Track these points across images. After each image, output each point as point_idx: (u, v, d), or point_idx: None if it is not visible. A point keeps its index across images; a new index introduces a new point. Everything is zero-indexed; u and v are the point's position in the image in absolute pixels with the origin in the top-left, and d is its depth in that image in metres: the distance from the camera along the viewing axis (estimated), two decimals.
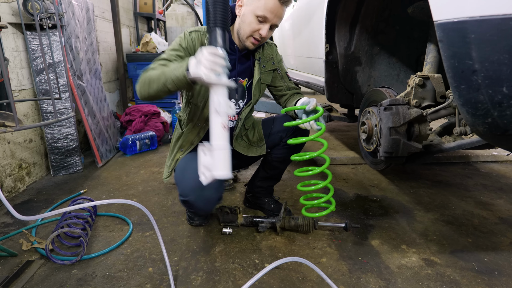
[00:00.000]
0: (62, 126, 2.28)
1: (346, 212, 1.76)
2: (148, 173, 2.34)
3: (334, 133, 3.36)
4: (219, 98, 0.99)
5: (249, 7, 1.28)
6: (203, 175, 1.00)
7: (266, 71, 1.53)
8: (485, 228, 1.60)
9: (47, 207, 1.84)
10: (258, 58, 1.49)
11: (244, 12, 1.30)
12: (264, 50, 1.51)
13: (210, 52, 0.99)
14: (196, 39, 1.35)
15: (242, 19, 1.31)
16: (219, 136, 0.99)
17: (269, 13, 1.25)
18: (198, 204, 1.30)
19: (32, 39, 2.12)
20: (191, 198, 1.29)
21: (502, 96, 0.73)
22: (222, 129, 0.99)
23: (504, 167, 2.41)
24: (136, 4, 4.57)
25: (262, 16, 1.26)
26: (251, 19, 1.28)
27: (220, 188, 1.33)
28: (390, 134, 1.26)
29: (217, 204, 1.39)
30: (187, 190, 1.30)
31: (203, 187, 1.26)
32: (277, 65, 1.55)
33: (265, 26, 1.28)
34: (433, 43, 1.40)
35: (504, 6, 0.70)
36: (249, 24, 1.29)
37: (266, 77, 1.54)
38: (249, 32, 1.31)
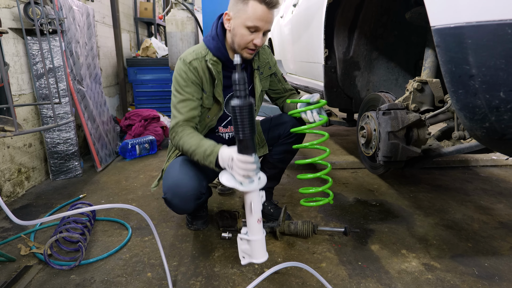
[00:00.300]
0: (62, 130, 2.28)
1: (345, 217, 1.75)
2: (148, 178, 2.34)
3: (334, 138, 3.36)
4: (252, 200, 1.06)
5: (238, 20, 1.25)
6: (243, 258, 1.14)
7: (264, 77, 1.53)
8: (485, 232, 1.59)
9: (46, 211, 1.83)
10: (256, 67, 1.47)
11: (234, 26, 1.28)
12: (260, 55, 1.49)
13: (243, 160, 1.03)
14: (199, 68, 1.33)
15: (233, 32, 1.29)
16: (256, 231, 1.10)
17: (259, 22, 1.23)
18: (175, 202, 1.32)
19: (32, 44, 2.13)
20: (168, 196, 1.32)
21: (499, 100, 0.74)
22: (257, 224, 1.09)
23: (504, 172, 2.41)
24: (136, 9, 4.61)
25: (253, 27, 1.23)
26: (242, 31, 1.25)
27: (197, 185, 1.32)
28: (389, 138, 1.26)
29: (198, 204, 1.38)
30: (165, 188, 1.34)
31: (179, 185, 1.30)
32: (273, 68, 1.55)
33: (258, 35, 1.26)
34: (431, 48, 1.40)
35: (500, 12, 0.70)
36: (241, 36, 1.26)
37: (265, 84, 1.55)
38: (244, 44, 1.28)
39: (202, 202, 1.46)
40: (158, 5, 5.54)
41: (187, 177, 1.32)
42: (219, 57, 1.35)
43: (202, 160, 1.22)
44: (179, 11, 2.61)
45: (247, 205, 1.10)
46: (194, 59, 1.33)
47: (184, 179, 1.31)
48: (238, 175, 1.05)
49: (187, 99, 1.33)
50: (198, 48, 1.38)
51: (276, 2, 1.23)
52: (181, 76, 1.33)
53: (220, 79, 1.38)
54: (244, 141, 1.03)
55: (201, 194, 1.36)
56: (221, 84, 1.39)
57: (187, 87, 1.33)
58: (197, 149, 1.23)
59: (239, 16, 1.24)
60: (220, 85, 1.39)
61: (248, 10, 1.22)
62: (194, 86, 1.34)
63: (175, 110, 1.35)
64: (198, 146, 1.23)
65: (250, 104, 1.00)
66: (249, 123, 1.00)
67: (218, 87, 1.38)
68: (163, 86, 4.03)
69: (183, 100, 1.33)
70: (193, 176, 1.33)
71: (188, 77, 1.32)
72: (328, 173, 1.38)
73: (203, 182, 1.38)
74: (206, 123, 1.45)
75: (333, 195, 1.35)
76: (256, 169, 1.06)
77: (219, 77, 1.38)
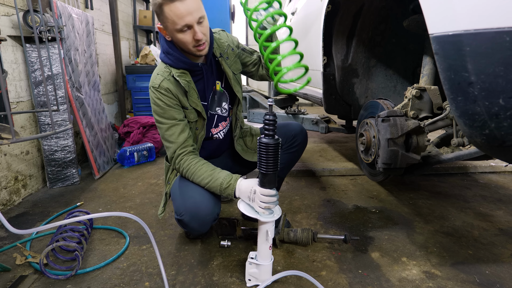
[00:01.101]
0: (60, 138, 2.27)
1: (345, 224, 1.74)
2: (146, 185, 2.32)
3: (332, 144, 3.36)
4: (269, 229, 1.16)
5: (168, 29, 1.21)
6: (249, 280, 1.22)
7: (232, 60, 1.45)
8: (486, 239, 1.58)
9: (42, 220, 1.81)
10: (219, 54, 1.40)
11: (170, 35, 1.24)
12: (218, 41, 1.42)
13: (266, 194, 1.12)
14: (170, 87, 1.30)
15: (174, 40, 1.25)
16: (265, 256, 1.19)
17: (184, 19, 1.15)
18: (193, 225, 1.29)
19: (31, 51, 2.13)
20: (185, 218, 1.28)
21: (499, 107, 0.74)
22: (268, 251, 1.19)
23: (502, 178, 2.41)
24: (135, 17, 4.63)
25: (183, 26, 1.17)
26: (179, 36, 1.21)
27: (215, 209, 1.31)
28: (388, 145, 1.26)
29: (211, 225, 1.37)
30: (182, 209, 1.29)
31: (199, 206, 1.27)
32: (236, 49, 1.47)
33: (194, 30, 1.19)
34: (429, 56, 1.41)
35: (497, 19, 0.71)
36: (181, 40, 1.22)
37: (236, 66, 1.47)
38: (189, 45, 1.23)
39: None
40: None
41: (205, 199, 1.28)
42: (183, 67, 1.32)
43: (218, 192, 1.26)
44: None
45: (262, 233, 1.17)
46: (162, 81, 1.30)
47: (203, 202, 1.27)
48: (260, 208, 1.14)
49: (171, 126, 1.32)
50: (160, 69, 1.34)
51: None
52: (156, 104, 1.31)
53: (192, 87, 1.35)
54: (268, 176, 1.11)
55: (217, 215, 1.35)
56: (195, 92, 1.36)
57: (165, 113, 1.31)
58: (211, 182, 1.26)
59: (167, 26, 1.21)
60: (194, 93, 1.36)
61: (168, 16, 1.17)
62: (173, 109, 1.32)
63: (165, 140, 1.35)
64: (212, 179, 1.26)
65: (277, 143, 1.07)
66: (273, 160, 1.09)
67: (192, 96, 1.35)
68: None
69: (168, 128, 1.32)
70: (210, 198, 1.31)
71: (163, 102, 1.30)
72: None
73: (219, 202, 1.37)
74: (196, 135, 1.44)
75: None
76: (276, 202, 1.14)
77: (191, 86, 1.34)
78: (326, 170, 2.48)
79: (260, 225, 1.18)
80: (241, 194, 1.20)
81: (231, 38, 1.48)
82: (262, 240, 1.18)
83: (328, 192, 2.16)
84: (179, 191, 1.35)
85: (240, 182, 1.21)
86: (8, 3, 2.01)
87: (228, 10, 3.75)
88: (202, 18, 1.20)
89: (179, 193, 1.35)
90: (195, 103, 1.36)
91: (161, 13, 1.17)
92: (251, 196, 1.15)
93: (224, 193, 1.24)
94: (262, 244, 1.17)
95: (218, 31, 1.47)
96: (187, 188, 1.34)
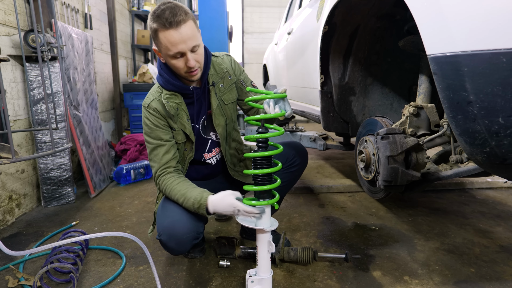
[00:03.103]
0: (56, 156, 2.25)
1: (345, 242, 1.72)
2: (142, 203, 2.29)
3: (329, 161, 3.37)
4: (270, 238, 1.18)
5: (163, 54, 1.23)
6: None
7: (226, 89, 1.42)
8: (487, 257, 1.57)
9: (36, 240, 1.77)
10: (211, 83, 1.38)
11: (165, 59, 1.26)
12: (216, 67, 1.40)
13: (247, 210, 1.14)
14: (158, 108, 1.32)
15: (168, 65, 1.27)
16: (266, 269, 1.20)
17: (177, 46, 1.16)
18: (170, 244, 1.26)
19: (30, 70, 2.14)
20: (163, 238, 1.26)
21: (499, 126, 0.75)
22: (268, 263, 1.20)
23: (500, 194, 2.42)
24: (133, 36, 4.71)
25: (176, 53, 1.18)
26: (172, 62, 1.22)
27: (194, 227, 1.28)
28: (388, 162, 1.27)
29: (195, 243, 1.34)
30: (160, 229, 1.27)
31: (175, 226, 1.25)
32: (237, 76, 1.44)
33: (186, 58, 1.20)
34: (425, 74, 1.45)
35: (493, 41, 0.74)
36: (174, 66, 1.24)
37: (230, 96, 1.43)
38: (182, 71, 1.24)
39: (200, 241, 1.42)
40: None
41: (184, 217, 1.26)
42: (173, 89, 1.33)
43: (195, 212, 1.26)
44: None
45: (263, 244, 1.17)
46: (151, 101, 1.32)
47: (180, 221, 1.25)
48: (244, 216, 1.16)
49: (157, 146, 1.33)
50: (153, 89, 1.37)
51: (178, 20, 1.13)
52: (145, 124, 1.34)
53: (182, 109, 1.35)
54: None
55: (199, 234, 1.32)
56: (185, 113, 1.36)
57: (152, 133, 1.33)
58: (185, 203, 1.25)
59: (161, 50, 1.22)
60: (184, 115, 1.36)
61: (162, 42, 1.18)
62: (160, 129, 1.33)
63: (150, 160, 1.37)
64: (184, 199, 1.25)
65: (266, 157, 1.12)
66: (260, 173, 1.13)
67: (182, 118, 1.35)
68: None
69: (154, 148, 1.34)
70: (189, 216, 1.28)
71: (151, 122, 1.32)
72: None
73: (201, 221, 1.34)
74: (185, 156, 1.43)
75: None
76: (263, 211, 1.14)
77: (181, 108, 1.34)
78: (324, 187, 2.48)
79: (260, 236, 1.18)
80: (218, 210, 1.19)
81: (234, 66, 1.46)
82: (263, 252, 1.18)
83: (327, 209, 2.15)
84: (161, 211, 1.35)
85: (211, 199, 1.20)
86: (9, 24, 2.04)
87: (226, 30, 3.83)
88: (196, 46, 1.20)
89: (160, 212, 1.34)
90: (183, 125, 1.36)
91: (156, 38, 1.19)
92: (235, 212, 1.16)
93: (199, 213, 1.24)
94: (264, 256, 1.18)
95: (222, 55, 1.45)
96: (166, 208, 1.32)
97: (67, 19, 2.76)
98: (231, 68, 1.44)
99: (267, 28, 8.58)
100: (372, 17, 1.66)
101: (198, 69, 1.26)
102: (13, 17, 2.07)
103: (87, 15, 3.16)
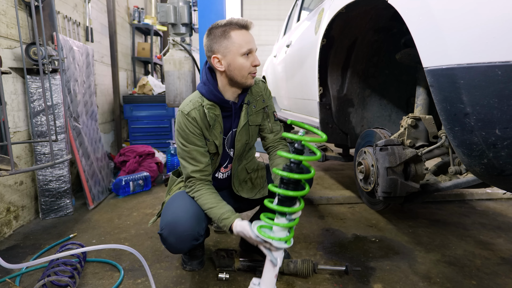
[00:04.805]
0: (55, 167, 2.25)
1: (345, 254, 1.71)
2: (141, 215, 2.27)
3: (329, 172, 3.37)
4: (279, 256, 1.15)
5: (230, 54, 1.29)
6: None
7: (256, 111, 1.48)
8: (488, 269, 1.56)
9: (33, 253, 1.75)
10: (246, 101, 1.45)
11: (229, 62, 1.30)
12: (253, 89, 1.48)
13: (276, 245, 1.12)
14: (197, 117, 1.35)
15: (231, 68, 1.30)
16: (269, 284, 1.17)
17: (249, 44, 1.29)
18: (170, 240, 1.29)
19: (31, 82, 2.16)
20: (164, 232, 1.29)
21: (496, 137, 0.76)
22: (274, 279, 1.17)
23: (500, 205, 2.41)
24: (134, 49, 4.76)
25: (247, 51, 1.29)
26: (240, 61, 1.29)
27: (196, 227, 1.30)
28: (387, 174, 1.27)
29: (194, 245, 1.35)
30: (163, 223, 1.31)
31: (178, 221, 1.28)
32: (267, 101, 1.52)
33: (254, 56, 1.32)
34: (422, 86, 1.47)
35: (488, 54, 0.75)
36: (241, 66, 1.30)
37: (256, 118, 1.49)
38: (247, 71, 1.31)
39: (200, 243, 1.42)
40: (155, 45, 5.75)
41: (187, 215, 1.29)
42: (214, 100, 1.36)
43: (216, 219, 1.29)
44: (177, 51, 2.70)
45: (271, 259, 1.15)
46: (192, 109, 1.35)
47: (183, 217, 1.28)
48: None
49: (192, 150, 1.36)
50: (194, 97, 1.40)
51: (251, 24, 1.32)
52: (181, 129, 1.36)
53: (219, 121, 1.39)
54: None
55: (199, 236, 1.32)
56: (220, 126, 1.40)
57: (188, 138, 1.36)
58: (214, 209, 1.29)
59: (230, 50, 1.29)
60: (219, 127, 1.39)
61: (235, 41, 1.28)
62: (196, 136, 1.36)
63: (184, 160, 1.38)
64: (216, 206, 1.30)
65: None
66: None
67: (216, 130, 1.39)
68: (158, 122, 4.06)
69: (190, 151, 1.36)
70: (193, 215, 1.30)
71: (188, 129, 1.35)
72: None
73: (203, 223, 1.35)
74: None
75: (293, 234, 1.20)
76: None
77: (217, 120, 1.38)
78: (323, 199, 2.47)
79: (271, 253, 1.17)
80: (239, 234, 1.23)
81: (266, 91, 1.52)
82: (270, 267, 1.16)
83: (327, 221, 2.14)
84: (167, 206, 1.38)
85: (238, 222, 1.24)
86: (11, 37, 2.07)
87: None
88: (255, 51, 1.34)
89: (166, 207, 1.37)
90: (216, 137, 1.40)
91: (227, 38, 1.27)
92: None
93: (221, 223, 1.27)
94: (270, 271, 1.15)
95: (258, 81, 1.51)
96: (173, 204, 1.35)
97: (68, 32, 2.79)
98: (265, 93, 1.51)
99: (266, 41, 8.71)
100: (370, 31, 1.69)
101: (256, 73, 1.36)
102: (15, 30, 2.10)
103: (88, 28, 3.20)
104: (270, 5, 9.19)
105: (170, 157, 3.39)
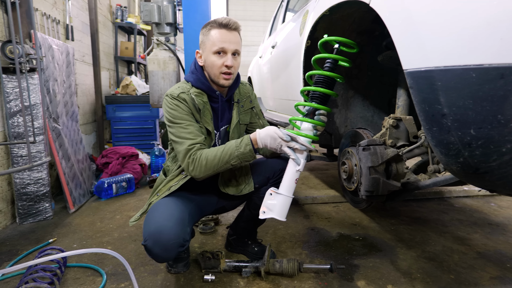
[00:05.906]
0: (33, 170, 2.17)
1: (330, 252, 1.73)
2: (125, 218, 2.23)
3: (314, 172, 3.41)
4: (302, 159, 1.28)
5: (206, 51, 1.36)
6: (263, 213, 1.26)
7: (244, 110, 1.55)
8: (465, 263, 1.62)
9: (10, 259, 1.69)
10: (236, 100, 1.52)
11: (205, 58, 1.37)
12: (241, 90, 1.56)
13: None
14: (187, 99, 1.36)
15: (206, 64, 1.37)
16: (289, 188, 1.25)
17: (223, 44, 1.31)
18: (156, 250, 1.22)
19: (7, 82, 2.08)
20: (148, 243, 1.22)
21: (471, 137, 0.79)
22: (294, 183, 1.24)
23: (476, 202, 2.51)
24: (117, 48, 4.67)
25: (219, 49, 1.32)
26: (212, 58, 1.34)
27: (181, 234, 1.25)
28: (370, 173, 1.30)
29: (181, 251, 1.29)
30: (146, 234, 1.24)
31: (162, 231, 1.22)
32: (254, 102, 1.60)
33: (226, 57, 1.33)
34: (403, 88, 1.50)
35: (463, 58, 0.78)
36: (212, 63, 1.34)
37: (245, 117, 1.56)
38: (217, 70, 1.35)
39: (185, 249, 1.38)
40: (139, 44, 5.66)
41: (170, 223, 1.24)
42: (201, 88, 1.40)
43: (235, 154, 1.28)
44: (161, 51, 2.67)
45: (295, 159, 1.25)
46: (181, 93, 1.37)
47: (167, 226, 1.22)
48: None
49: (188, 125, 1.34)
50: (181, 84, 1.43)
51: (235, 25, 1.34)
52: (173, 109, 1.35)
53: (208, 109, 1.42)
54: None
55: (185, 242, 1.27)
56: (209, 113, 1.42)
57: (182, 116, 1.35)
58: (225, 149, 1.30)
59: (206, 47, 1.35)
60: (209, 114, 1.42)
61: (210, 38, 1.33)
62: (188, 115, 1.37)
63: (179, 138, 1.33)
64: (224, 147, 1.30)
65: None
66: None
67: (206, 116, 1.41)
68: (142, 123, 4.00)
69: (186, 125, 1.34)
70: (177, 222, 1.25)
71: (180, 108, 1.35)
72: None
73: (188, 227, 1.30)
74: None
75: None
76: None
77: (206, 107, 1.41)
78: (309, 198, 2.50)
79: (295, 153, 1.26)
80: (266, 142, 1.28)
81: (252, 93, 1.61)
82: (292, 169, 1.25)
83: (312, 220, 2.16)
84: (150, 214, 1.32)
85: (258, 130, 1.31)
86: None
87: None
88: (236, 54, 1.36)
89: (148, 219, 1.30)
90: (207, 122, 1.41)
91: (206, 35, 1.34)
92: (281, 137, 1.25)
93: (241, 148, 1.28)
94: (291, 174, 1.24)
95: (245, 83, 1.61)
96: (155, 213, 1.30)
97: (47, 30, 2.71)
98: (252, 94, 1.60)
99: (252, 41, 8.72)
100: (353, 33, 1.72)
101: (231, 76, 1.37)
102: None
103: (68, 26, 3.12)
104: (256, 6, 9.21)
105: (154, 158, 3.34)
